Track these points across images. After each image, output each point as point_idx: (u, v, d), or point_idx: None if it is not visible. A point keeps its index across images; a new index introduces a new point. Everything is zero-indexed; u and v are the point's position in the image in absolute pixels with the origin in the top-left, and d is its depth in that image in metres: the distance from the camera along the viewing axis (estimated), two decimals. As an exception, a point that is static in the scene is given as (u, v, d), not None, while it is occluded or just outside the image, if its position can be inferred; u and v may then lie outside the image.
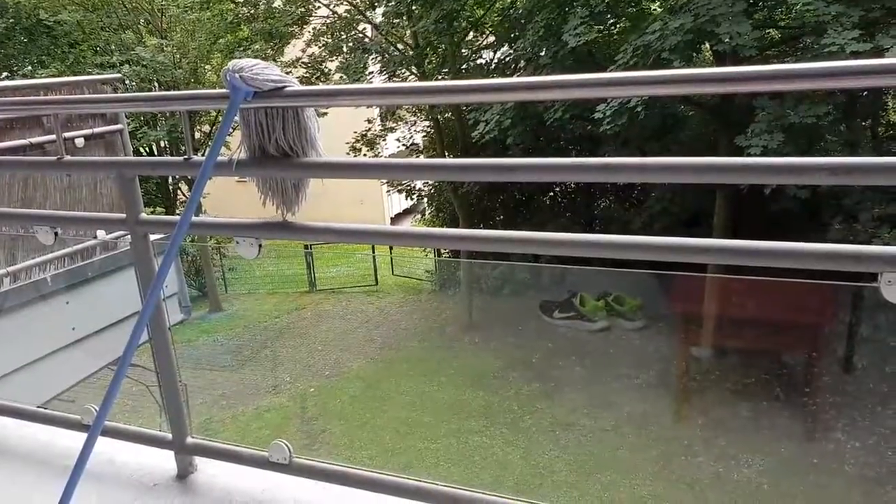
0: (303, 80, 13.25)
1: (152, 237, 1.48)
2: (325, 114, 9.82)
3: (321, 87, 1.34)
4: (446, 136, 13.38)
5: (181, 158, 1.34)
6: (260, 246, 1.32)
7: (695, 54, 8.95)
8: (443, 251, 13.70)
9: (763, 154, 8.05)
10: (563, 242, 1.30)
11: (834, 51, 7.22)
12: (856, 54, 7.24)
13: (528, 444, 9.27)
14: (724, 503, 8.11)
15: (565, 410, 9.78)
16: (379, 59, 12.69)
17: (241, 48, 12.44)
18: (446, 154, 13.09)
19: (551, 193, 13.90)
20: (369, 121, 14.45)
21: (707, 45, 9.30)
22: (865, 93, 9.89)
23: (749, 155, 8.17)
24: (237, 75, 1.18)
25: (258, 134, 1.27)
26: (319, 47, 13.33)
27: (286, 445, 1.38)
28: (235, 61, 1.20)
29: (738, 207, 10.32)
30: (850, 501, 7.84)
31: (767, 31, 10.65)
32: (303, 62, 13.44)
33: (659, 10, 9.82)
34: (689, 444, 8.96)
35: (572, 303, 11.41)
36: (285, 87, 1.20)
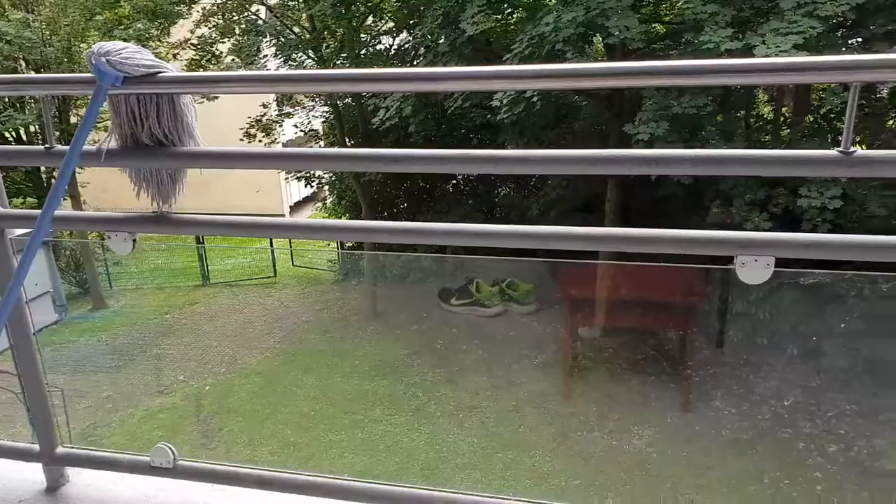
0: (192, 63, 12.63)
1: (16, 232, 1.37)
2: (216, 98, 9.41)
3: (198, 73, 1.28)
4: (346, 122, 13.18)
5: (41, 147, 1.24)
6: (134, 241, 1.25)
7: (587, 46, 9.27)
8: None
9: (650, 140, 8.49)
10: (464, 233, 1.35)
11: (710, 48, 7.70)
12: (729, 52, 7.76)
13: (432, 430, 9.39)
14: (617, 474, 8.56)
15: (468, 394, 9.97)
16: (273, 42, 12.29)
17: (122, 27, 11.64)
18: (346, 141, 12.90)
19: (454, 181, 14.03)
20: (265, 105, 13.96)
21: (599, 38, 9.65)
22: (740, 87, 10.61)
23: (637, 141, 8.60)
24: (103, 59, 1.11)
25: (130, 122, 1.20)
26: (210, 28, 12.72)
27: (170, 448, 1.33)
28: (101, 44, 1.13)
29: (627, 193, 10.83)
30: (725, 463, 8.49)
31: (653, 25, 11.21)
32: (192, 44, 12.77)
33: (554, 1, 10.08)
34: (585, 420, 9.39)
35: (469, 289, 11.62)
36: (158, 72, 1.14)
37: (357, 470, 8.63)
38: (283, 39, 12.16)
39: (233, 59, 12.33)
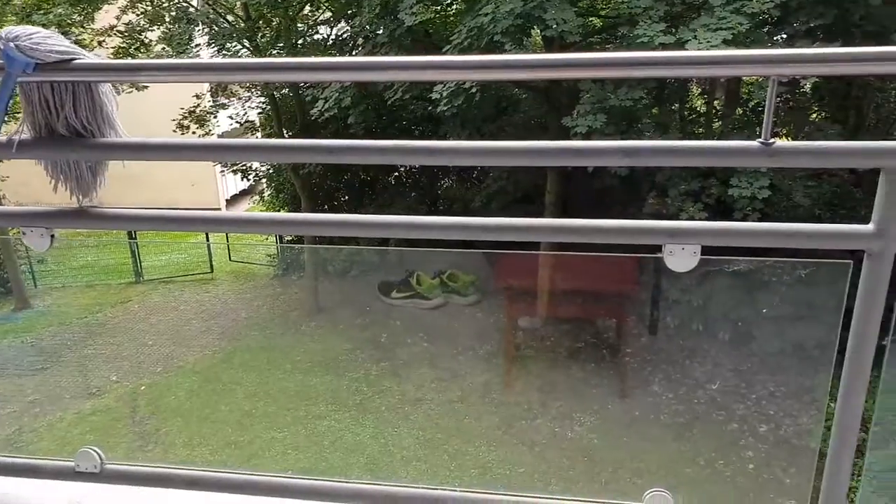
0: (119, 51, 12.11)
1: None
2: (145, 87, 9.05)
3: (117, 61, 1.20)
4: (284, 113, 12.92)
5: (-61, 138, 1.16)
6: (52, 237, 1.19)
7: (525, 39, 9.35)
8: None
9: (588, 133, 8.65)
10: (405, 225, 1.34)
11: (645, 42, 7.88)
12: (664, 46, 7.97)
13: (377, 424, 9.37)
14: (560, 460, 8.74)
15: (413, 386, 9.97)
16: (206, 31, 11.91)
17: (42, 11, 11.04)
18: (284, 132, 12.65)
19: (396, 173, 13.96)
20: (198, 96, 13.53)
21: (537, 31, 9.75)
22: (673, 81, 10.91)
23: (576, 134, 8.74)
24: (12, 44, 1.04)
25: (44, 111, 1.14)
26: (137, 15, 12.22)
27: (96, 452, 1.27)
28: (9, 28, 1.06)
29: (567, 185, 11.02)
30: (664, 446, 8.78)
31: (591, 19, 11.40)
32: (118, 30, 12.24)
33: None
34: (529, 408, 9.54)
35: (409, 282, 11.60)
36: (73, 59, 1.08)
37: (300, 467, 8.53)
38: (216, 28, 11.80)
39: (163, 48, 11.89)
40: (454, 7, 11.31)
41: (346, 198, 13.86)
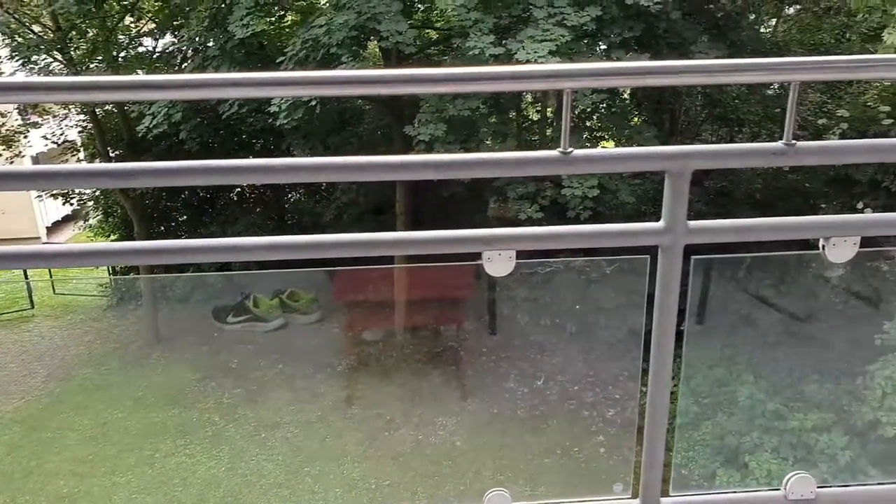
0: None
1: None
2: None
3: None
4: (108, 130, 11.90)
5: None
6: None
7: (362, 50, 9.35)
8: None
9: (430, 142, 8.80)
10: (247, 248, 1.30)
11: (476, 53, 8.16)
12: (495, 57, 8.30)
13: (233, 454, 8.90)
14: (425, 467, 8.78)
15: (270, 411, 9.59)
16: (8, 42, 10.68)
17: None
18: (109, 151, 11.66)
19: (238, 189, 13.37)
20: (2, 115, 12.10)
21: (374, 42, 9.78)
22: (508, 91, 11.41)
23: (418, 143, 8.87)
24: None
25: None
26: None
27: None
28: None
29: (416, 195, 11.15)
30: (523, 440, 9.10)
31: (427, 31, 11.63)
32: None
33: (326, 4, 10.02)
34: (390, 419, 9.50)
35: (245, 305, 11.07)
36: None
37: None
38: (20, 39, 10.60)
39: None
40: (289, 18, 11.07)
41: (185, 218, 13.04)
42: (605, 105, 10.54)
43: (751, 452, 7.50)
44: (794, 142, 1.39)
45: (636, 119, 11.87)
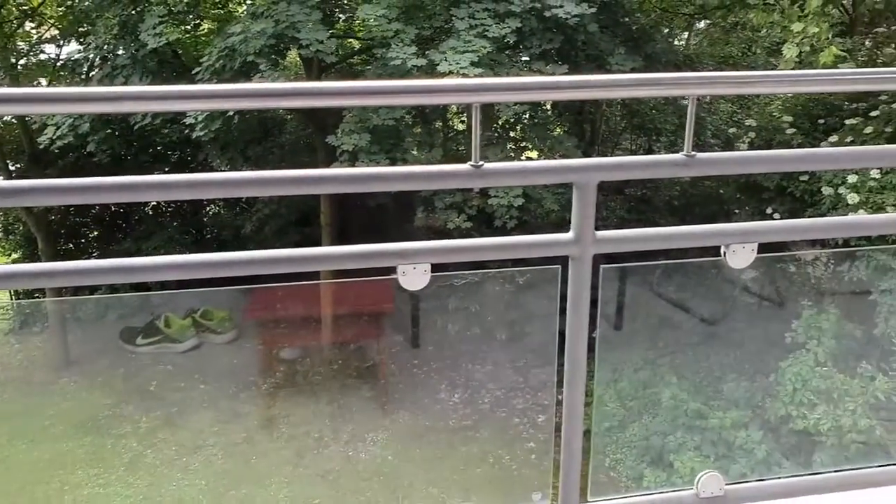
0: None
1: None
2: None
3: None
4: (7, 143, 11.17)
5: None
6: None
7: (281, 59, 9.15)
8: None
9: (354, 151, 8.68)
10: (151, 267, 1.28)
11: (398, 64, 8.13)
12: (417, 68, 8.29)
13: (152, 481, 8.47)
14: (356, 484, 8.62)
15: (191, 434, 9.18)
16: None
17: None
18: (9, 165, 10.94)
19: (153, 203, 12.81)
20: None
21: (295, 51, 9.59)
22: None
23: (342, 153, 8.74)
24: None
25: None
26: None
27: None
28: None
29: (342, 205, 10.98)
30: (455, 451, 9.07)
31: (349, 41, 11.52)
32: None
33: (243, 13, 9.77)
34: (320, 437, 9.28)
35: (156, 325, 10.53)
36: None
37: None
38: None
39: None
40: (205, 27, 10.72)
41: (96, 233, 12.37)
42: (527, 116, 10.71)
43: (675, 452, 7.72)
44: (694, 153, 1.41)
45: (558, 129, 12.12)
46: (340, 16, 10.37)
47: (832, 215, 7.22)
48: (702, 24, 14.59)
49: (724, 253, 1.53)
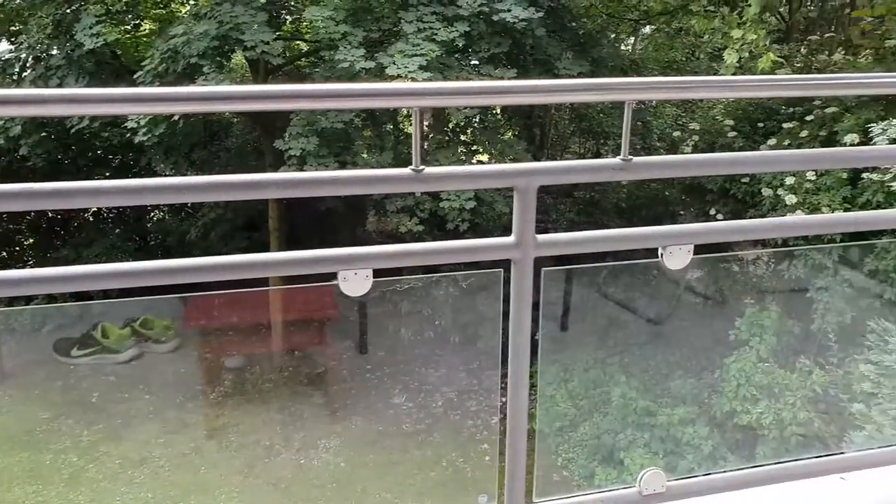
0: None
1: None
2: None
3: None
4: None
5: None
6: None
7: (226, 61, 8.96)
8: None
9: (302, 156, 8.56)
10: (101, 275, 1.27)
11: (346, 66, 8.06)
12: (366, 71, 8.23)
13: (93, 496, 8.16)
14: (309, 492, 8.49)
15: (136, 445, 8.89)
16: None
17: None
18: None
19: (94, 209, 12.37)
20: None
21: (240, 53, 9.41)
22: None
23: (290, 157, 8.60)
24: None
25: None
26: None
27: None
28: None
29: (291, 209, 10.82)
30: (408, 455, 9.02)
31: (296, 43, 11.36)
32: None
33: (185, 14, 9.53)
34: (271, 445, 9.10)
35: (93, 336, 10.12)
36: None
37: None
38: None
39: None
40: (146, 28, 10.42)
41: (32, 241, 11.87)
42: (478, 120, 10.77)
43: (625, 449, 7.85)
44: (630, 157, 1.43)
45: (509, 133, 12.22)
46: (287, 17, 10.22)
47: (772, 216, 7.47)
48: (647, 30, 14.93)
49: (661, 254, 1.56)
